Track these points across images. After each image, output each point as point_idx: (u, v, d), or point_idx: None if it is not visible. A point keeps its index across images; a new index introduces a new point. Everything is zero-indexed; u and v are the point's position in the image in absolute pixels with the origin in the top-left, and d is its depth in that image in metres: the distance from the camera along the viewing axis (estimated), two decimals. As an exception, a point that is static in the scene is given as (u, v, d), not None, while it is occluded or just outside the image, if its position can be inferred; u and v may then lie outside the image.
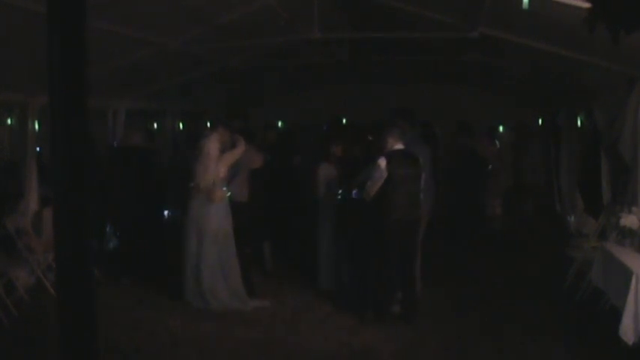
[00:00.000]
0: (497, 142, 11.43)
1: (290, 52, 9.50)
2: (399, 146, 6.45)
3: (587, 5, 2.63)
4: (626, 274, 5.16)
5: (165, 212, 10.34)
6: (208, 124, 10.19)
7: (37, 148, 7.53)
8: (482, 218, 10.46)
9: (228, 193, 6.90)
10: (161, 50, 7.18)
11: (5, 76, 6.26)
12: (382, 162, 6.28)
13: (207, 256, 6.74)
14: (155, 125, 11.60)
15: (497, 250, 9.45)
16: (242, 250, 7.02)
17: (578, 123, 9.30)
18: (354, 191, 6.85)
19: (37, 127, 7.30)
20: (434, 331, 6.17)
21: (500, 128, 12.54)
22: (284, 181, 9.07)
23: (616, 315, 5.23)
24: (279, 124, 12.56)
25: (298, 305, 6.95)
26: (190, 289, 6.83)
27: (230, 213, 6.87)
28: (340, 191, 7.21)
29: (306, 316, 6.61)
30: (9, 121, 9.28)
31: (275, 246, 8.55)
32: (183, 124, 12.02)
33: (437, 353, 5.68)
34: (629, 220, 5.93)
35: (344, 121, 12.36)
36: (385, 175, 6.25)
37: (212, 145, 6.77)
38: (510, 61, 8.91)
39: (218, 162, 6.75)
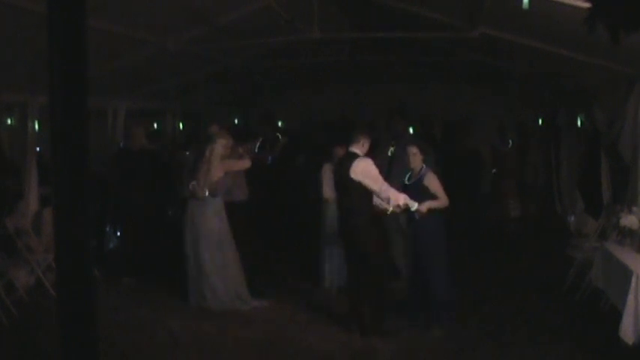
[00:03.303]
0: (510, 142, 11.26)
1: (290, 52, 9.50)
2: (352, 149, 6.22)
3: (587, 5, 2.63)
4: (626, 274, 5.16)
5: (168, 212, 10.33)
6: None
7: (37, 148, 7.53)
8: (480, 219, 10.43)
9: (207, 193, 6.82)
10: (161, 50, 7.18)
11: (5, 76, 6.26)
12: None
13: (205, 256, 6.73)
14: (155, 125, 11.60)
15: (497, 249, 9.44)
16: (244, 249, 7.01)
17: (578, 123, 9.28)
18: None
19: (37, 127, 7.30)
20: (434, 331, 6.16)
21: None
22: (287, 180, 9.05)
23: (616, 315, 5.22)
24: (280, 124, 12.55)
25: (298, 305, 6.95)
26: (191, 288, 6.83)
27: (224, 212, 6.85)
28: None
29: (306, 316, 6.60)
30: (9, 121, 9.27)
31: (277, 246, 8.53)
32: (183, 124, 12.02)
33: (437, 353, 5.67)
34: (629, 220, 5.92)
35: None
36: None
37: (217, 149, 6.79)
38: (510, 61, 8.90)
39: (219, 166, 6.78)
